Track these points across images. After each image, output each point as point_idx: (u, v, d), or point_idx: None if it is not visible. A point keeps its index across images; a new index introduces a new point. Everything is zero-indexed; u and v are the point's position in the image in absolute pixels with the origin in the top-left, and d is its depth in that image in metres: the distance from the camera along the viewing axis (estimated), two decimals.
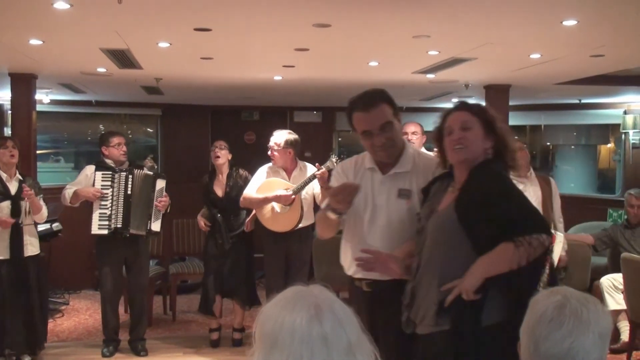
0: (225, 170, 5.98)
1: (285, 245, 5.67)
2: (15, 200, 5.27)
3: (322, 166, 5.34)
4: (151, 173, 5.76)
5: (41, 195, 5.45)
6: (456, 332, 2.52)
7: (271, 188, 5.57)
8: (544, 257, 2.53)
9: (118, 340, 5.90)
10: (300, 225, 5.59)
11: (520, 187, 5.40)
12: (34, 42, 4.65)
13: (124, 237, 5.63)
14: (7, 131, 8.23)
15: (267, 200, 5.56)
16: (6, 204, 5.24)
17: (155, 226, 5.71)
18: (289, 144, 5.61)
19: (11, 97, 6.42)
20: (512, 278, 2.47)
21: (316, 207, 5.77)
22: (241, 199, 5.69)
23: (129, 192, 5.64)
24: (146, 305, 6.14)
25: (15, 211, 5.25)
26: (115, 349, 5.86)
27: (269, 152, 5.65)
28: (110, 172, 5.65)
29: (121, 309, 6.06)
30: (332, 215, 3.06)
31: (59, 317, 7.08)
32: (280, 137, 5.63)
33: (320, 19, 3.94)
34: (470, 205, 2.57)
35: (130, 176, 5.67)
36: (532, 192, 5.51)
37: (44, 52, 5.10)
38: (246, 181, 5.87)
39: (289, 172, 5.70)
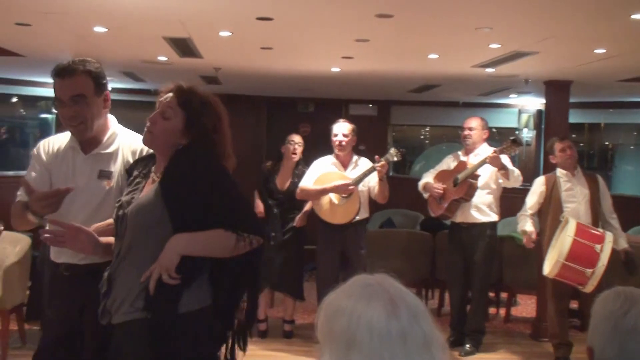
0: (293, 165, 5.96)
1: (340, 238, 5.64)
2: None
3: (382, 158, 5.32)
4: None
5: None
6: (153, 319, 2.41)
7: (329, 180, 5.55)
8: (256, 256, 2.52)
9: None
10: (357, 218, 5.57)
11: (567, 185, 5.37)
12: (99, 29, 4.72)
13: None
14: None
15: (325, 191, 5.54)
16: None
17: None
18: (354, 132, 5.62)
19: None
20: (220, 266, 2.48)
21: (371, 201, 5.75)
22: (298, 190, 5.68)
23: None
24: None
25: None
26: None
27: (337, 143, 5.60)
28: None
29: None
30: (33, 218, 2.75)
31: None
32: (345, 125, 5.62)
33: (384, 9, 3.90)
34: (171, 192, 2.46)
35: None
36: (580, 191, 5.41)
37: (107, 40, 5.19)
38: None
39: (345, 165, 5.68)
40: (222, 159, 2.59)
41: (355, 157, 5.71)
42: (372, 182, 5.51)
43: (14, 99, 9.06)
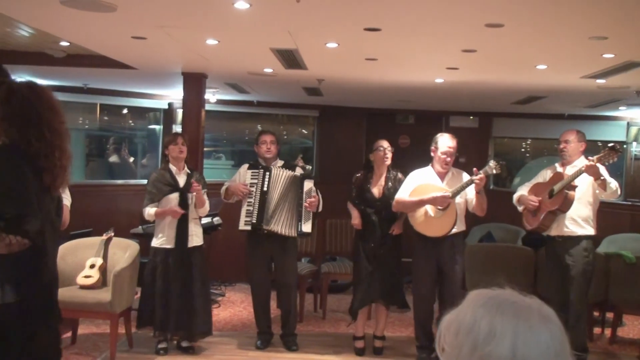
0: (384, 171, 5.91)
1: (436, 251, 5.57)
2: (183, 193, 5.56)
3: (480, 171, 5.24)
4: (298, 174, 5.80)
5: (206, 190, 5.70)
6: None
7: (426, 192, 5.49)
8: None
9: (271, 333, 6.06)
10: (454, 231, 5.49)
11: None
12: (211, 42, 4.87)
13: (264, 234, 5.77)
14: (175, 128, 8.73)
15: (422, 203, 5.49)
16: (175, 196, 5.56)
17: (306, 227, 5.76)
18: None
19: (183, 96, 6.79)
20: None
21: (469, 215, 5.66)
22: (394, 202, 5.65)
23: (265, 189, 5.77)
24: (294, 302, 6.19)
25: (183, 203, 5.54)
26: (268, 342, 6.02)
27: (443, 157, 5.52)
28: (257, 170, 5.83)
29: (274, 304, 6.20)
30: None
31: (216, 307, 7.38)
32: (451, 139, 5.57)
33: (494, 19, 3.85)
34: None
35: (268, 173, 5.80)
36: None
37: (217, 52, 5.34)
38: (397, 183, 5.83)
39: (442, 177, 5.61)
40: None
41: (452, 169, 5.64)
42: (470, 194, 5.42)
43: (125, 111, 9.46)
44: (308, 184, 5.78)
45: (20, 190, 2.64)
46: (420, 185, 5.59)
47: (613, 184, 5.32)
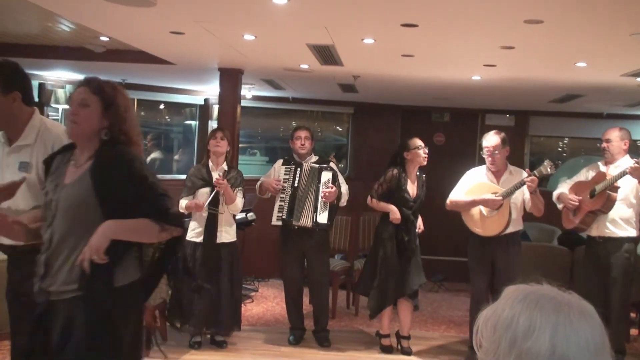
0: (416, 171, 5.84)
1: (490, 250, 5.53)
2: (214, 188, 5.59)
3: (534, 171, 5.20)
4: (316, 166, 5.80)
5: (241, 188, 5.72)
6: (88, 295, 2.71)
7: (480, 191, 5.48)
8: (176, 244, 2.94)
9: (303, 329, 6.09)
10: (508, 231, 5.44)
11: None
12: (248, 37, 4.90)
13: (296, 230, 5.79)
14: (211, 124, 8.80)
15: (474, 203, 5.48)
16: (205, 190, 5.60)
17: (322, 218, 5.72)
18: (505, 142, 5.52)
19: (220, 91, 6.84)
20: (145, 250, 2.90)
21: (525, 213, 5.59)
22: (447, 201, 5.65)
23: (296, 184, 5.78)
24: (326, 298, 6.19)
25: (215, 198, 5.58)
26: (301, 337, 6.05)
27: (492, 157, 5.49)
28: (289, 166, 5.85)
29: (306, 300, 6.22)
30: None
31: (249, 302, 7.43)
32: (496, 137, 5.52)
33: (533, 15, 3.80)
34: (103, 185, 2.75)
35: (299, 169, 5.81)
36: None
37: (253, 48, 5.36)
38: (424, 184, 5.81)
39: (498, 176, 5.57)
40: (132, 145, 2.90)
41: (510, 167, 5.60)
42: (526, 195, 5.37)
43: (161, 106, 9.55)
44: (326, 175, 5.75)
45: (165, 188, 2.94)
46: (475, 184, 5.58)
47: None
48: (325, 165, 5.81)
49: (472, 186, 5.57)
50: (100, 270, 2.69)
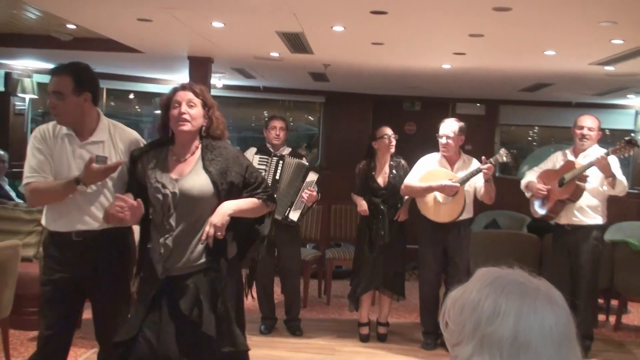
0: (388, 159, 5.83)
1: (443, 237, 5.57)
2: None
3: (490, 159, 5.22)
4: (307, 164, 5.76)
5: None
6: (213, 267, 3.22)
7: (435, 178, 5.48)
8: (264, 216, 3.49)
9: (275, 318, 6.07)
10: (462, 218, 5.49)
11: None
12: (216, 24, 4.85)
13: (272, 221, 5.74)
14: None
15: (430, 190, 5.48)
16: None
17: (294, 215, 5.67)
18: (462, 130, 5.53)
19: (189, 80, 6.75)
20: (245, 224, 3.39)
21: (476, 201, 5.64)
22: (402, 187, 5.63)
23: (277, 177, 5.73)
24: (298, 289, 6.19)
25: None
26: (272, 327, 6.03)
27: (443, 141, 5.52)
28: (266, 156, 5.79)
29: (277, 290, 6.20)
30: (82, 188, 3.36)
31: None
32: (453, 124, 5.53)
33: (501, 2, 3.81)
34: (219, 175, 3.24)
35: (281, 162, 5.76)
36: None
37: (222, 35, 5.32)
38: (406, 172, 5.79)
39: (452, 163, 5.59)
40: (224, 139, 3.42)
41: (463, 156, 5.62)
42: (479, 182, 5.40)
43: (131, 96, 9.45)
44: (312, 176, 5.71)
45: None
46: (430, 171, 5.57)
47: (622, 184, 5.28)
48: (315, 166, 5.76)
49: (427, 172, 5.57)
50: (219, 246, 3.23)
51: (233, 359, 3.34)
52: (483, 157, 5.26)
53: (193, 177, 3.25)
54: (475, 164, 5.46)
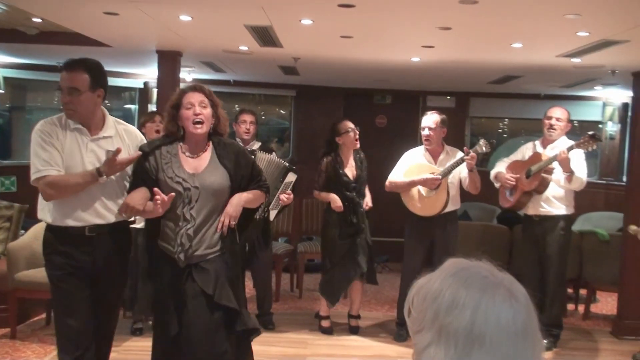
0: (352, 152, 5.83)
1: (429, 230, 5.61)
2: None
3: (471, 150, 5.27)
4: (287, 164, 5.70)
5: None
6: (230, 252, 3.58)
7: (418, 172, 5.53)
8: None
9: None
10: (447, 210, 5.53)
11: None
12: (184, 18, 4.81)
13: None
14: (151, 108, 8.65)
15: (413, 184, 5.54)
16: None
17: (271, 215, 5.53)
18: (444, 122, 5.58)
19: (158, 75, 6.70)
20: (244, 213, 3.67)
21: (462, 192, 5.68)
22: (387, 183, 5.69)
23: None
24: (270, 282, 6.23)
25: None
26: None
27: (425, 133, 5.57)
28: None
29: (249, 284, 6.20)
30: (102, 180, 3.50)
31: None
32: (434, 116, 5.60)
33: None
34: (233, 170, 3.59)
35: (253, 157, 5.69)
36: None
37: (191, 29, 5.28)
38: (364, 162, 5.82)
39: (435, 156, 5.63)
40: (225, 135, 3.76)
41: (447, 148, 5.66)
42: (463, 173, 5.45)
43: None
44: (291, 177, 5.64)
45: None
46: (413, 165, 5.62)
47: (579, 180, 5.36)
48: (294, 167, 5.63)
49: (410, 167, 5.62)
50: (231, 233, 3.59)
51: (245, 338, 3.73)
52: (465, 148, 5.35)
53: (212, 171, 3.56)
54: (458, 154, 5.51)
